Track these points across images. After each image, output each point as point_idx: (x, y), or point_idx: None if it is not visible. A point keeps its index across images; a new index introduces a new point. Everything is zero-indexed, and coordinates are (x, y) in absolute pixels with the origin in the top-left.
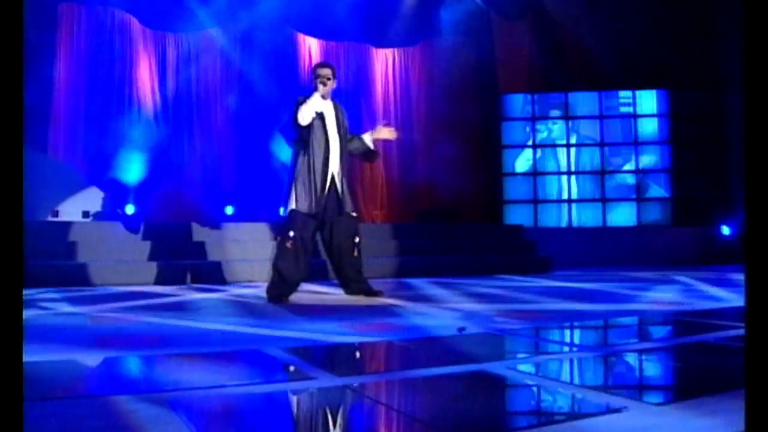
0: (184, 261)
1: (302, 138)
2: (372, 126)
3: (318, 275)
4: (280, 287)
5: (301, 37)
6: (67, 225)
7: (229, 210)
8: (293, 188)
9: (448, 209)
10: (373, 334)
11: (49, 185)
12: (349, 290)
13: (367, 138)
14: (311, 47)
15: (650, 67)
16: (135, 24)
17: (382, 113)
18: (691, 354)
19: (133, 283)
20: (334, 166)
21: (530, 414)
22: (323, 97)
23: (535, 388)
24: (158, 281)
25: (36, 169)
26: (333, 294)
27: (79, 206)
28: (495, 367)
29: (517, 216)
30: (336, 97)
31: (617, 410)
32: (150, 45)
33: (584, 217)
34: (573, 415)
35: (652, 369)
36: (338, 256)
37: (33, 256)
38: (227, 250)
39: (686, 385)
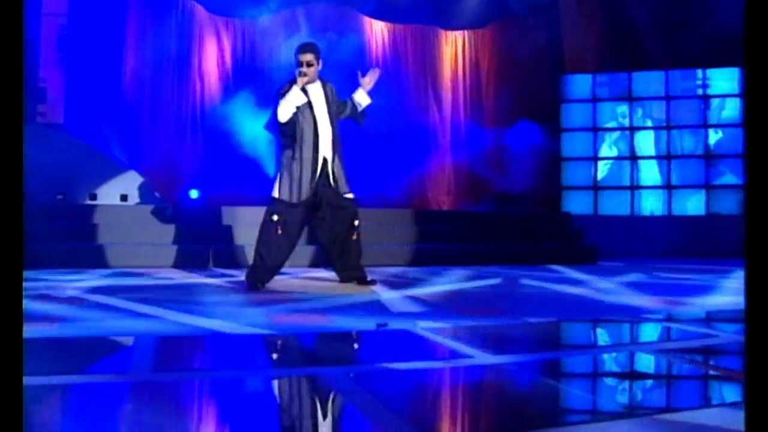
0: (202, 245)
1: (287, 129)
2: (440, 111)
3: (317, 264)
4: (260, 273)
5: (366, 20)
6: (92, 208)
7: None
8: (278, 177)
9: (511, 195)
10: (287, 328)
11: (86, 170)
12: (342, 277)
13: (358, 95)
14: (378, 31)
15: (724, 44)
16: (201, 11)
17: (450, 97)
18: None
19: (152, 266)
20: (326, 151)
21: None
22: (304, 89)
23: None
24: (176, 265)
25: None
26: (327, 281)
27: (117, 190)
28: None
29: (577, 203)
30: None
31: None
32: (215, 31)
33: (649, 204)
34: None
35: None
36: (334, 242)
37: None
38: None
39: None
